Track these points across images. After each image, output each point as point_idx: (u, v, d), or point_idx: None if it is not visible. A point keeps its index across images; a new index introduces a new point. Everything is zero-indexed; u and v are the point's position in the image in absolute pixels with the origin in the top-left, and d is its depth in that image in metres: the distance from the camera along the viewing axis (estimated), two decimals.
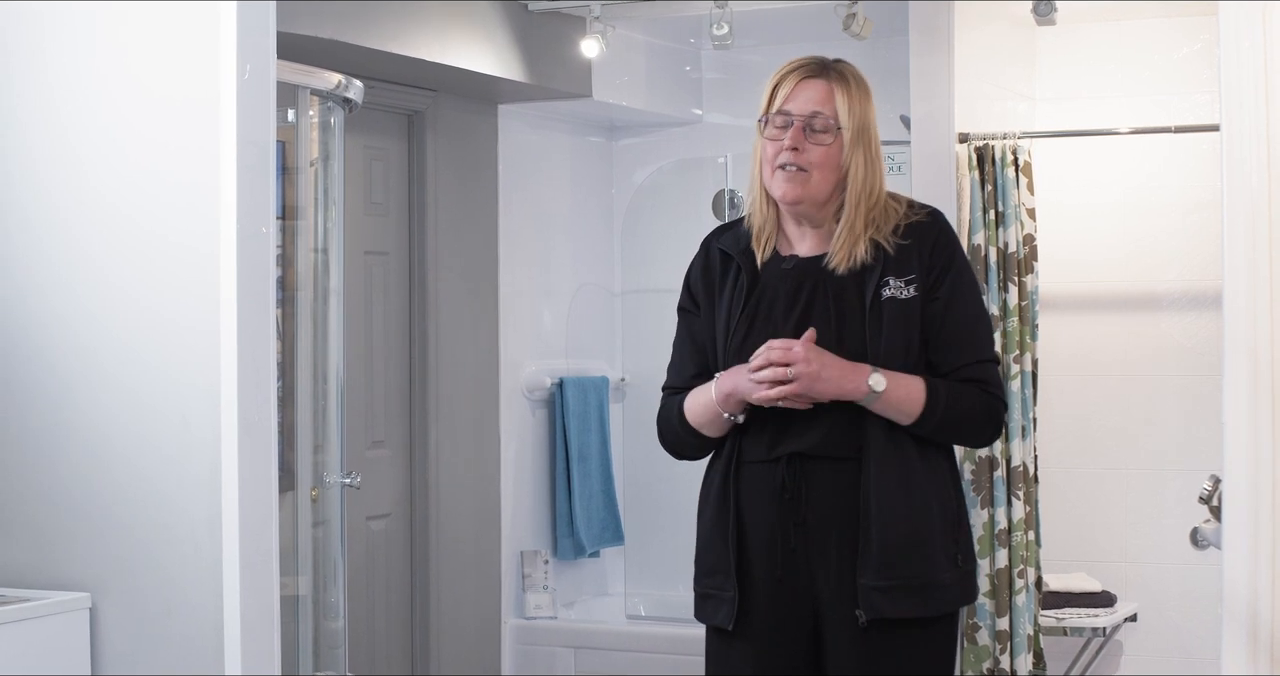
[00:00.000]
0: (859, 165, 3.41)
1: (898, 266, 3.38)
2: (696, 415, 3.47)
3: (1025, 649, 5.59)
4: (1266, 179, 2.49)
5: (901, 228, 3.42)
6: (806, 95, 3.42)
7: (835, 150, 3.40)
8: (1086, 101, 6.25)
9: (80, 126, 3.56)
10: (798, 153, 3.38)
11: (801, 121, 3.39)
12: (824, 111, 3.40)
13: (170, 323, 3.46)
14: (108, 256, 3.53)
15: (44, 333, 3.58)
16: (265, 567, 3.46)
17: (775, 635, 3.39)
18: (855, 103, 3.43)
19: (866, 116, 3.44)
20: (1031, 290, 5.72)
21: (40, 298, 3.59)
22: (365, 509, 5.83)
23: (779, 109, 3.42)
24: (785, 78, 3.44)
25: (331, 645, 4.48)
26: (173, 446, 3.45)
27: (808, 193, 3.40)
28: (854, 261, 3.39)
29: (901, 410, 3.33)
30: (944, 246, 3.43)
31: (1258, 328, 2.49)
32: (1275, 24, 2.49)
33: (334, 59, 5.11)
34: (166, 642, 3.46)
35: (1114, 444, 6.24)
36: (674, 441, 3.57)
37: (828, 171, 3.40)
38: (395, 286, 6.06)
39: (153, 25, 3.50)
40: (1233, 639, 2.52)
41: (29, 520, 3.59)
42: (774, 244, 3.48)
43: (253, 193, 3.44)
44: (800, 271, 3.42)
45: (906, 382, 3.33)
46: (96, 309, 3.53)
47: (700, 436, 3.49)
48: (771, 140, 3.42)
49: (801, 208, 3.42)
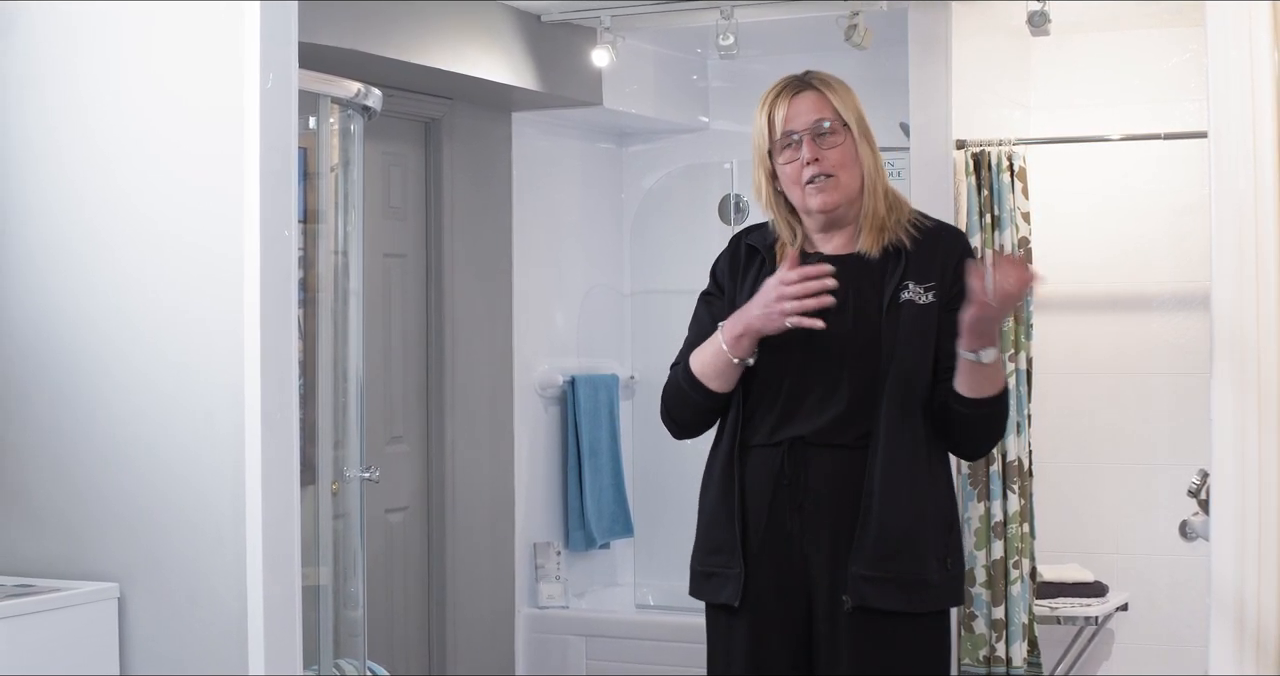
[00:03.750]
0: (867, 155, 3.43)
1: (918, 271, 3.37)
2: (703, 365, 3.39)
3: (1020, 637, 5.59)
4: (1253, 183, 2.49)
5: (918, 222, 3.43)
6: (801, 109, 3.41)
7: (849, 147, 3.41)
8: (1079, 109, 6.24)
9: (110, 134, 3.57)
10: (819, 163, 3.37)
11: (809, 134, 3.39)
12: (824, 116, 3.40)
13: (196, 322, 3.47)
14: (136, 259, 3.53)
15: (74, 333, 3.59)
16: (287, 558, 3.46)
17: (772, 615, 3.37)
18: (848, 101, 3.44)
19: (861, 113, 3.46)
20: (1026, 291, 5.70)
21: (71, 299, 3.60)
22: (384, 502, 5.83)
23: (783, 132, 3.41)
24: (774, 103, 3.42)
25: (351, 633, 4.48)
26: (198, 442, 3.46)
27: (843, 195, 3.40)
28: (884, 241, 3.38)
29: (995, 382, 3.32)
30: (966, 261, 3.41)
31: (1244, 327, 2.49)
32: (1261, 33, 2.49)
33: (354, 68, 5.11)
34: (192, 631, 3.46)
35: (1106, 439, 6.23)
36: (678, 407, 3.49)
37: (850, 168, 3.40)
38: (413, 287, 6.06)
39: (179, 35, 3.50)
40: (1220, 627, 2.51)
41: (60, 513, 3.60)
42: (801, 245, 3.47)
43: (275, 197, 3.44)
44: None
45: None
46: (125, 309, 3.54)
47: (706, 394, 3.40)
48: (787, 161, 3.41)
49: (840, 210, 3.42)
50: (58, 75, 3.62)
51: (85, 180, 3.59)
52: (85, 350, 3.58)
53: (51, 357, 3.61)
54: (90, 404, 3.57)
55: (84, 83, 3.60)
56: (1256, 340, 2.49)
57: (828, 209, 3.39)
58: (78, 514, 3.58)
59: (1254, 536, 2.47)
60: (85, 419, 3.57)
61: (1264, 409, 2.47)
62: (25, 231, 3.64)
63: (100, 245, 3.57)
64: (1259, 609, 2.46)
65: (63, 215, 3.61)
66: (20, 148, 3.65)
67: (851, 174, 3.41)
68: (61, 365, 3.60)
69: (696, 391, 3.42)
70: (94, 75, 3.59)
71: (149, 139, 3.53)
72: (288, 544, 3.46)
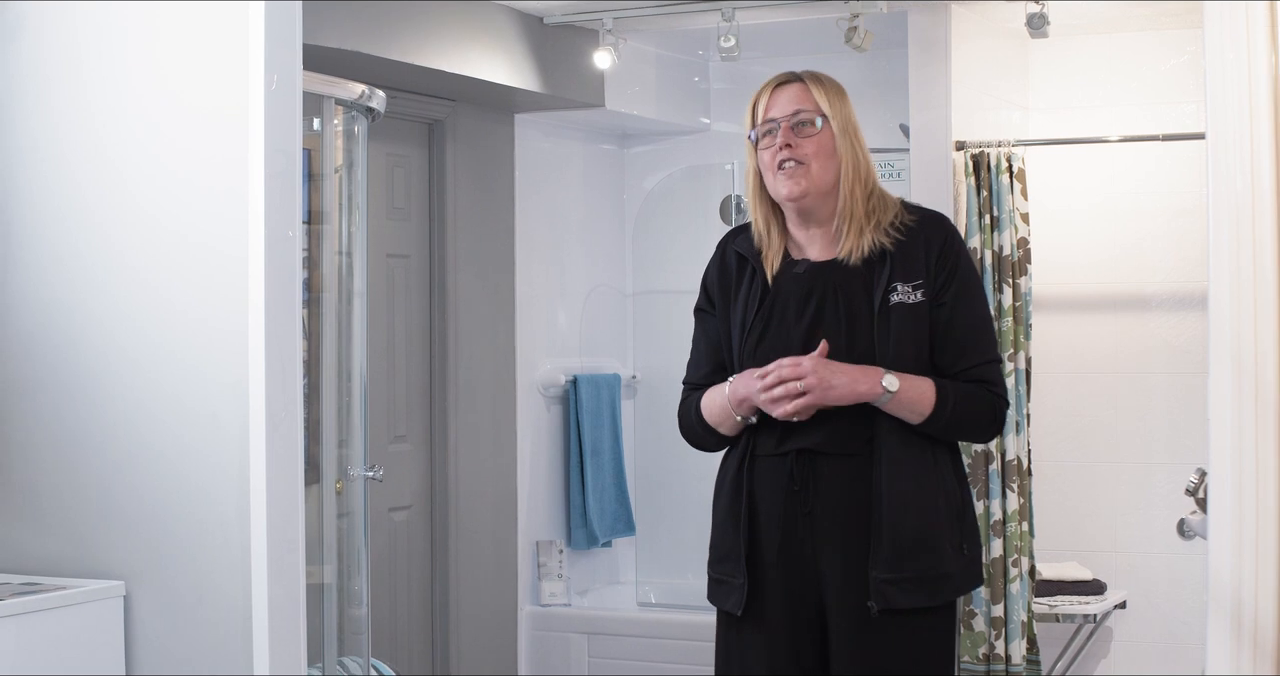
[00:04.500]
0: (848, 155, 3.43)
1: (905, 270, 3.37)
2: (712, 414, 3.49)
3: (1019, 635, 5.59)
4: (1250, 185, 2.49)
5: (904, 222, 3.42)
6: (784, 99, 3.44)
7: (827, 139, 3.41)
8: (1078, 111, 6.25)
9: (115, 136, 3.57)
10: (791, 148, 3.39)
11: (787, 121, 3.41)
12: (805, 108, 3.42)
13: (201, 323, 3.47)
14: (142, 260, 3.53)
15: (81, 333, 3.59)
16: (292, 557, 3.46)
17: (782, 623, 3.38)
18: (834, 98, 3.46)
19: (848, 112, 3.47)
20: (1025, 291, 5.71)
21: (78, 300, 3.60)
22: (388, 501, 5.83)
23: (763, 119, 3.45)
24: (761, 92, 3.50)
25: (355, 631, 4.48)
26: (203, 441, 3.46)
27: (811, 184, 3.40)
28: (863, 251, 3.38)
29: (914, 410, 3.33)
30: (950, 251, 3.42)
31: (1241, 327, 2.48)
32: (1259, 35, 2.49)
33: (358, 70, 5.12)
34: (197, 628, 3.46)
35: (1104, 438, 6.23)
36: (693, 436, 3.59)
37: (824, 159, 3.41)
38: (416, 288, 6.06)
39: (184, 38, 3.50)
40: (1218, 624, 2.51)
41: (67, 512, 3.60)
42: (784, 247, 3.49)
43: (280, 198, 3.44)
44: (811, 275, 3.41)
45: (918, 383, 3.33)
46: (131, 310, 3.54)
47: (717, 437, 3.51)
48: (765, 148, 3.44)
49: (808, 201, 3.42)
50: (64, 78, 3.62)
51: (91, 182, 3.59)
52: (91, 350, 3.58)
53: (58, 358, 3.61)
54: (97, 403, 3.57)
55: (90, 85, 3.60)
56: (1254, 340, 2.48)
57: (794, 196, 3.40)
58: (84, 513, 3.58)
59: (1251, 534, 2.47)
60: (92, 418, 3.57)
61: (1261, 408, 2.47)
62: (32, 232, 3.65)
63: (106, 245, 3.57)
64: (1256, 606, 2.46)
65: (69, 217, 3.61)
66: (28, 150, 3.66)
67: (824, 166, 3.41)
68: (68, 365, 3.60)
69: (708, 432, 3.54)
70: (100, 78, 3.59)
71: (154, 141, 3.53)
72: (292, 542, 3.46)
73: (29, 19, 3.64)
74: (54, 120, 3.64)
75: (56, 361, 3.61)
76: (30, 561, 3.61)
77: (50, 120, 3.64)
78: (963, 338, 3.40)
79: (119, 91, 3.57)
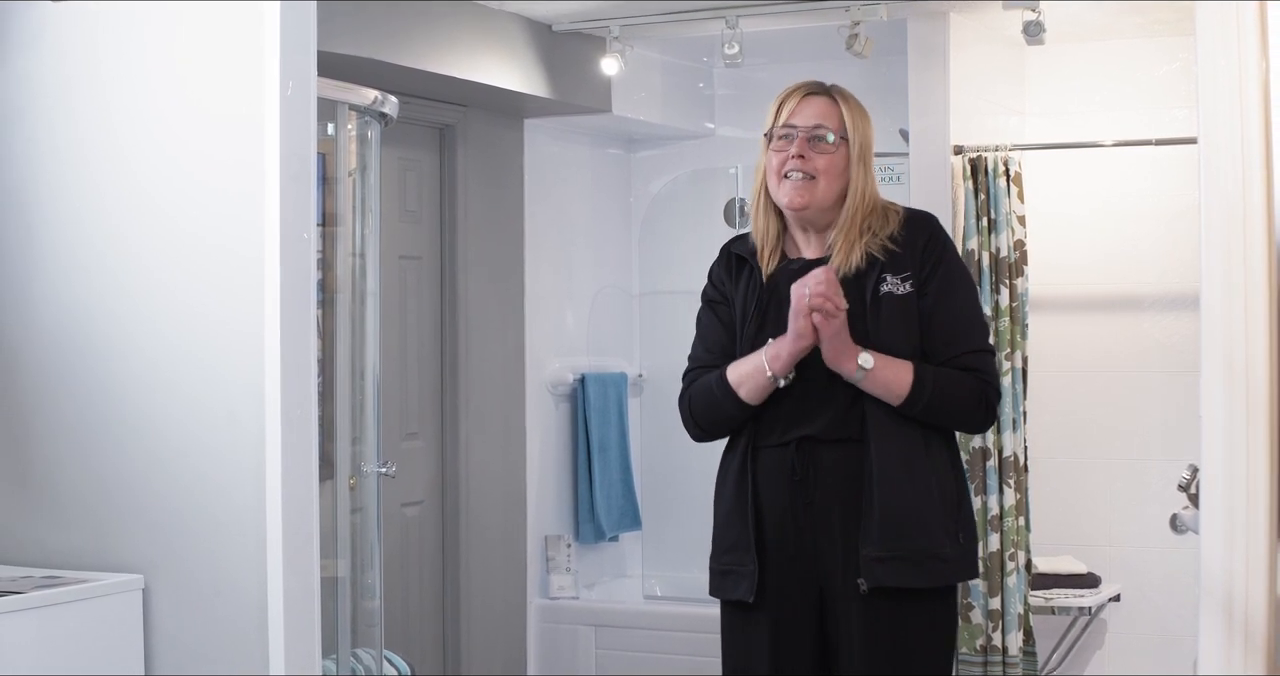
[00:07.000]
0: (858, 178, 3.42)
1: (894, 265, 3.39)
2: (740, 375, 3.42)
3: (1016, 627, 5.59)
4: (1241, 188, 2.48)
5: (895, 234, 3.42)
6: (810, 110, 3.43)
7: (840, 159, 3.40)
8: (1073, 116, 6.24)
9: (134, 140, 3.57)
10: (804, 160, 3.38)
11: (806, 133, 3.40)
12: (827, 124, 3.41)
13: (218, 323, 3.47)
14: (160, 262, 3.53)
15: (101, 333, 3.59)
16: (306, 551, 3.46)
17: (786, 608, 3.38)
18: (858, 119, 3.44)
19: (867, 135, 3.46)
20: (1022, 292, 5.71)
21: (97, 300, 3.60)
22: (400, 496, 5.83)
23: (784, 123, 3.43)
24: (789, 96, 3.46)
25: (368, 623, 4.48)
26: (220, 438, 3.46)
27: (815, 199, 3.40)
28: (850, 266, 3.38)
29: (890, 390, 3.32)
30: (935, 243, 3.43)
31: (1232, 327, 2.48)
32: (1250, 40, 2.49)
33: (371, 76, 5.11)
34: (214, 621, 3.46)
35: (1099, 435, 6.23)
36: (706, 413, 3.51)
37: (833, 178, 3.40)
38: (428, 288, 6.06)
39: (201, 44, 3.50)
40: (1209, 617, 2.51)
41: (87, 507, 3.60)
42: (781, 248, 3.49)
43: (295, 201, 3.44)
44: (805, 272, 3.42)
45: (895, 364, 3.33)
46: (149, 310, 3.54)
47: (739, 405, 3.42)
48: (777, 152, 3.43)
49: (808, 214, 3.42)
50: (84, 83, 3.62)
51: (111, 185, 3.59)
52: (111, 350, 3.58)
53: (78, 357, 3.61)
54: (116, 401, 3.57)
55: (109, 90, 3.60)
56: (1244, 340, 2.48)
57: (796, 207, 3.40)
58: (104, 508, 3.58)
59: (1242, 529, 2.47)
60: (111, 416, 3.58)
61: (1251, 406, 2.47)
62: (53, 235, 3.65)
63: (125, 248, 3.57)
64: (1247, 599, 2.46)
65: (89, 219, 3.61)
66: (48, 154, 3.66)
67: (831, 183, 3.40)
68: (88, 364, 3.60)
69: (730, 401, 3.44)
70: (119, 83, 3.59)
71: (172, 145, 3.53)
72: (307, 537, 3.46)
73: (50, 26, 3.65)
74: (74, 124, 3.63)
75: (77, 361, 3.61)
76: (51, 555, 3.62)
77: (71, 124, 3.64)
78: (949, 326, 3.40)
79: (137, 95, 3.57)
